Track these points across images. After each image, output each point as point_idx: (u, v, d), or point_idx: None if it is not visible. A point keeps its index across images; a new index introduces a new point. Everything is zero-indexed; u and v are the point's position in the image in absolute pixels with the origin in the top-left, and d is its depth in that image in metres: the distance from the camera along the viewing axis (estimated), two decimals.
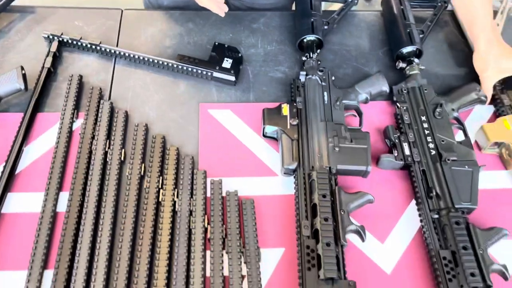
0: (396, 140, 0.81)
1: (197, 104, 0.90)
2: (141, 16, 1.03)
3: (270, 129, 0.83)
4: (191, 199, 0.76)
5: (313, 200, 0.73)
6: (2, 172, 0.76)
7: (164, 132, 0.85)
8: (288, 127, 0.81)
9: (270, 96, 0.92)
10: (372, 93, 0.89)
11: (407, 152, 0.80)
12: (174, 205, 0.76)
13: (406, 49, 0.94)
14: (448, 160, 0.78)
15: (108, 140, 0.82)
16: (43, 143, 0.82)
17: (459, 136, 0.84)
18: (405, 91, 0.88)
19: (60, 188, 0.77)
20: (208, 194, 0.78)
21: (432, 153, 0.79)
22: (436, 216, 0.74)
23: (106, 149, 0.81)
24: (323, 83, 0.88)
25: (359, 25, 1.05)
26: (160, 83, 0.92)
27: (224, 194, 0.78)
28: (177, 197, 0.77)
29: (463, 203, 0.74)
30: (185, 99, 0.91)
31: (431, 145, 0.80)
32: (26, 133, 0.82)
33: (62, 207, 0.75)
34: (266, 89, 0.93)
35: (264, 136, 0.85)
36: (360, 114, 0.86)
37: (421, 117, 0.84)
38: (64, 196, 0.76)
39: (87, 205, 0.74)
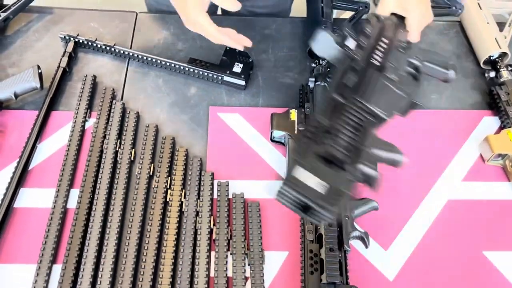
0: None
1: (207, 107, 0.91)
2: (155, 20, 1.05)
3: (278, 134, 0.84)
4: (198, 200, 0.78)
5: None
6: (16, 167, 0.78)
7: (174, 134, 0.87)
8: (296, 132, 0.82)
9: (279, 101, 0.93)
10: None
11: None
12: (181, 205, 0.77)
13: None
14: None
15: (119, 140, 0.84)
16: (57, 140, 0.84)
17: None
18: None
19: (71, 185, 0.78)
20: (215, 196, 0.79)
21: None
22: None
23: (117, 149, 0.83)
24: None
25: None
26: (172, 86, 0.94)
27: (230, 196, 0.79)
28: (184, 197, 0.78)
29: None
30: (195, 101, 0.92)
31: None
32: (40, 130, 0.84)
33: (72, 203, 0.77)
34: (275, 94, 0.94)
35: (272, 140, 0.86)
36: None
37: None
38: (74, 193, 0.78)
39: (97, 203, 0.76)
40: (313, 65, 0.94)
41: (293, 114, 0.84)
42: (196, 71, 0.94)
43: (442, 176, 0.84)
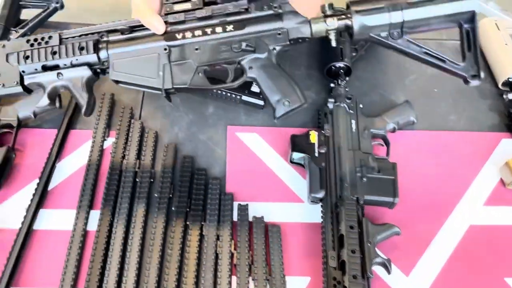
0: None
1: (225, 126, 0.91)
2: None
3: (297, 156, 0.84)
4: (218, 223, 0.77)
5: (340, 231, 0.74)
6: (36, 188, 0.78)
7: (193, 153, 0.87)
8: (316, 154, 0.82)
9: (297, 121, 0.92)
10: (400, 122, 0.89)
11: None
12: (201, 228, 0.77)
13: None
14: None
15: (138, 160, 0.83)
16: (75, 160, 0.84)
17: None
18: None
19: (91, 206, 0.78)
20: (235, 218, 0.79)
21: None
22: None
23: (136, 169, 0.82)
24: (351, 111, 0.88)
25: (386, 51, 1.05)
26: (190, 104, 0.94)
27: (250, 219, 0.79)
28: (205, 220, 0.78)
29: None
30: (213, 121, 0.92)
31: None
32: (59, 149, 0.84)
33: (92, 225, 0.76)
34: (292, 114, 0.93)
35: (291, 162, 0.85)
36: (387, 144, 0.87)
37: None
38: (94, 215, 0.77)
39: (117, 225, 0.76)
40: (332, 85, 0.93)
41: (313, 136, 0.84)
42: (214, 90, 0.93)
43: (462, 200, 0.84)
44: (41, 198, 0.78)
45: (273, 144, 0.89)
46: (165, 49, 0.70)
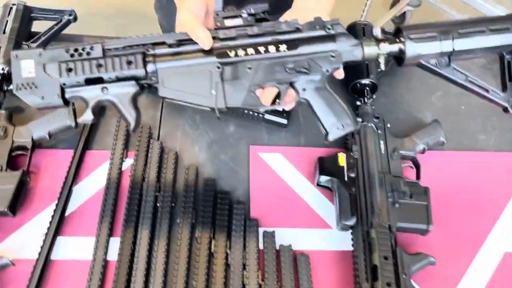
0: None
1: (247, 146, 0.88)
2: None
3: (325, 179, 0.80)
4: (244, 251, 0.74)
5: (373, 261, 0.70)
6: (53, 215, 0.74)
7: (215, 175, 0.83)
8: (346, 178, 0.79)
9: (321, 140, 0.88)
10: (430, 143, 0.86)
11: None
12: (226, 257, 0.73)
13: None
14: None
15: (158, 183, 0.80)
16: (93, 183, 0.80)
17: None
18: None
19: (110, 234, 0.74)
20: (261, 246, 0.75)
21: None
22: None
23: (156, 193, 0.79)
24: (379, 131, 0.85)
25: (412, 70, 1.02)
26: (210, 123, 0.90)
27: (277, 247, 0.75)
28: (230, 248, 0.74)
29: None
30: (235, 140, 0.88)
31: None
32: (76, 172, 0.80)
33: (113, 254, 0.73)
34: (317, 133, 0.89)
35: (318, 185, 0.82)
36: (417, 166, 0.84)
37: None
38: (114, 242, 0.74)
39: (138, 254, 0.72)
40: (358, 103, 0.90)
41: (342, 159, 0.80)
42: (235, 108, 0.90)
43: (496, 225, 0.81)
44: (59, 225, 0.74)
45: (297, 165, 0.85)
46: (218, 67, 0.67)
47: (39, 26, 0.98)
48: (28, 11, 0.94)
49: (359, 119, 0.85)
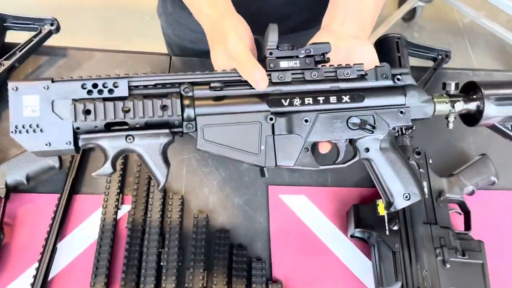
0: None
1: (266, 186, 0.74)
2: (192, 64, 0.87)
3: (361, 232, 0.68)
4: None
5: None
6: (33, 282, 0.60)
7: (228, 225, 0.70)
8: (387, 233, 0.66)
9: (352, 178, 0.76)
10: (479, 184, 0.74)
11: None
12: None
13: None
14: None
15: (161, 237, 0.66)
16: (82, 237, 0.67)
17: None
18: None
19: None
20: None
21: None
22: None
23: (160, 249, 0.65)
24: (421, 170, 0.72)
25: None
26: (220, 157, 0.76)
27: None
28: None
29: None
30: (250, 179, 0.75)
31: None
32: (61, 223, 0.66)
33: None
34: (347, 170, 0.76)
35: (351, 237, 0.69)
36: (467, 212, 0.71)
37: None
38: None
39: None
40: (395, 134, 0.77)
41: (381, 208, 0.68)
42: None
43: None
44: None
45: (326, 210, 0.73)
46: (271, 119, 0.55)
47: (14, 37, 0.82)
48: (1, 21, 0.79)
49: None
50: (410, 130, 0.77)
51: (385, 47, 0.86)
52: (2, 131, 0.74)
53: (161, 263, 0.65)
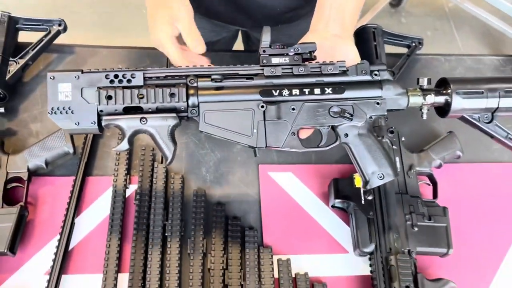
0: None
1: (256, 165, 0.83)
2: None
3: (340, 202, 0.77)
4: (259, 282, 0.71)
5: None
6: (56, 252, 0.70)
7: (224, 199, 0.79)
8: (363, 202, 0.75)
9: (333, 156, 0.85)
10: (446, 157, 0.83)
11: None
12: None
13: None
14: None
15: (165, 211, 0.76)
16: (96, 213, 0.76)
17: None
18: None
19: (118, 270, 0.71)
20: (276, 275, 0.72)
21: None
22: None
23: (164, 221, 0.75)
24: (394, 147, 0.81)
25: (422, 71, 0.98)
26: (216, 140, 0.84)
27: (293, 275, 0.72)
28: (244, 280, 0.71)
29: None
30: (243, 158, 0.84)
31: None
32: (77, 202, 0.75)
33: None
34: (329, 149, 0.86)
35: (333, 206, 0.79)
36: (434, 183, 0.81)
37: None
38: (123, 278, 0.70)
39: None
40: None
41: (358, 181, 0.77)
42: None
43: None
44: (62, 262, 0.70)
45: (310, 185, 0.82)
46: (262, 106, 0.64)
47: (24, 37, 0.91)
48: (13, 23, 0.87)
49: (374, 134, 0.81)
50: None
51: (363, 37, 0.94)
52: (22, 123, 0.83)
53: (166, 234, 0.74)
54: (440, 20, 2.21)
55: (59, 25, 0.88)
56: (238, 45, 1.25)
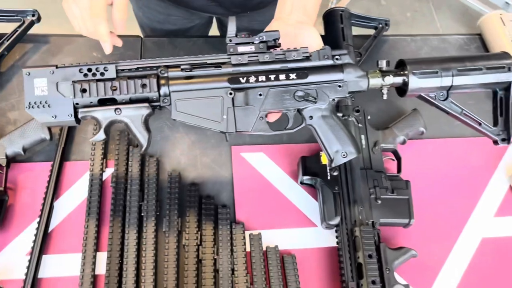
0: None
1: (229, 146, 0.87)
2: (162, 45, 0.98)
3: (308, 178, 0.81)
4: (232, 256, 0.75)
5: (358, 259, 0.72)
6: (36, 234, 0.73)
7: (198, 179, 0.83)
8: (329, 177, 0.79)
9: (303, 135, 0.88)
10: (410, 134, 0.87)
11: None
12: (215, 263, 0.74)
13: None
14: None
15: (141, 192, 0.79)
16: (74, 196, 0.79)
17: None
18: None
19: (97, 249, 0.74)
20: (248, 249, 0.76)
21: None
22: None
23: (140, 203, 0.78)
24: (359, 125, 0.85)
25: (390, 52, 1.01)
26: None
27: (264, 249, 0.77)
28: (218, 254, 0.75)
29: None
30: (216, 141, 0.87)
31: None
32: (56, 186, 0.78)
33: (101, 269, 0.73)
34: (299, 130, 0.89)
35: (301, 183, 0.82)
36: (398, 158, 0.85)
37: None
38: (102, 256, 0.74)
39: (127, 268, 0.72)
40: None
41: (324, 158, 0.81)
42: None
43: (474, 212, 0.83)
44: (43, 243, 0.73)
45: (280, 164, 0.86)
46: (230, 93, 0.67)
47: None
48: None
49: (339, 114, 0.85)
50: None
51: (331, 19, 0.97)
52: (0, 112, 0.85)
53: (142, 214, 0.77)
54: (420, 2, 2.24)
55: (33, 15, 0.90)
56: (215, 30, 1.27)
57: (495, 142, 0.76)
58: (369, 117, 0.86)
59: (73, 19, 0.70)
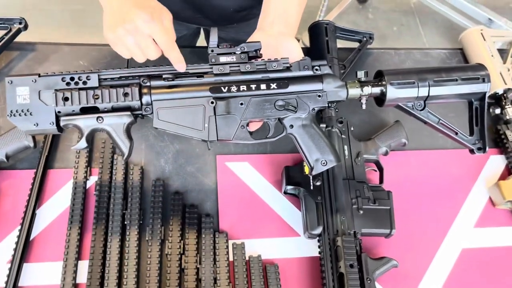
0: None
1: (214, 155, 0.87)
2: None
3: (291, 188, 0.82)
4: (215, 265, 0.75)
5: (340, 269, 0.73)
6: (17, 242, 0.73)
7: (182, 188, 0.83)
8: (311, 187, 0.80)
9: (287, 146, 0.89)
10: (392, 145, 0.88)
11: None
12: (197, 272, 0.74)
13: None
14: None
15: (125, 201, 0.79)
16: (57, 204, 0.79)
17: None
18: None
19: (78, 257, 0.74)
20: (231, 258, 0.77)
21: None
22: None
23: (124, 211, 0.78)
24: (343, 136, 0.86)
25: (373, 64, 1.03)
26: None
27: (247, 258, 0.77)
28: (200, 263, 0.75)
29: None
30: (201, 150, 0.88)
31: None
32: (38, 193, 0.78)
33: (82, 277, 0.72)
34: (283, 139, 0.90)
35: (285, 193, 0.83)
36: (381, 169, 0.86)
37: None
38: (83, 265, 0.73)
39: (108, 276, 0.72)
40: None
41: (307, 168, 0.81)
42: None
43: (454, 223, 0.85)
44: (24, 251, 0.73)
45: (265, 173, 0.86)
46: (212, 102, 0.68)
47: None
48: None
49: (323, 125, 0.86)
50: (335, 104, 0.90)
51: (316, 32, 0.99)
52: None
53: (125, 222, 0.77)
54: (406, 16, 2.28)
55: (20, 23, 0.90)
56: (203, 41, 1.28)
57: (471, 151, 0.78)
58: (352, 129, 0.88)
59: (123, 48, 0.67)
